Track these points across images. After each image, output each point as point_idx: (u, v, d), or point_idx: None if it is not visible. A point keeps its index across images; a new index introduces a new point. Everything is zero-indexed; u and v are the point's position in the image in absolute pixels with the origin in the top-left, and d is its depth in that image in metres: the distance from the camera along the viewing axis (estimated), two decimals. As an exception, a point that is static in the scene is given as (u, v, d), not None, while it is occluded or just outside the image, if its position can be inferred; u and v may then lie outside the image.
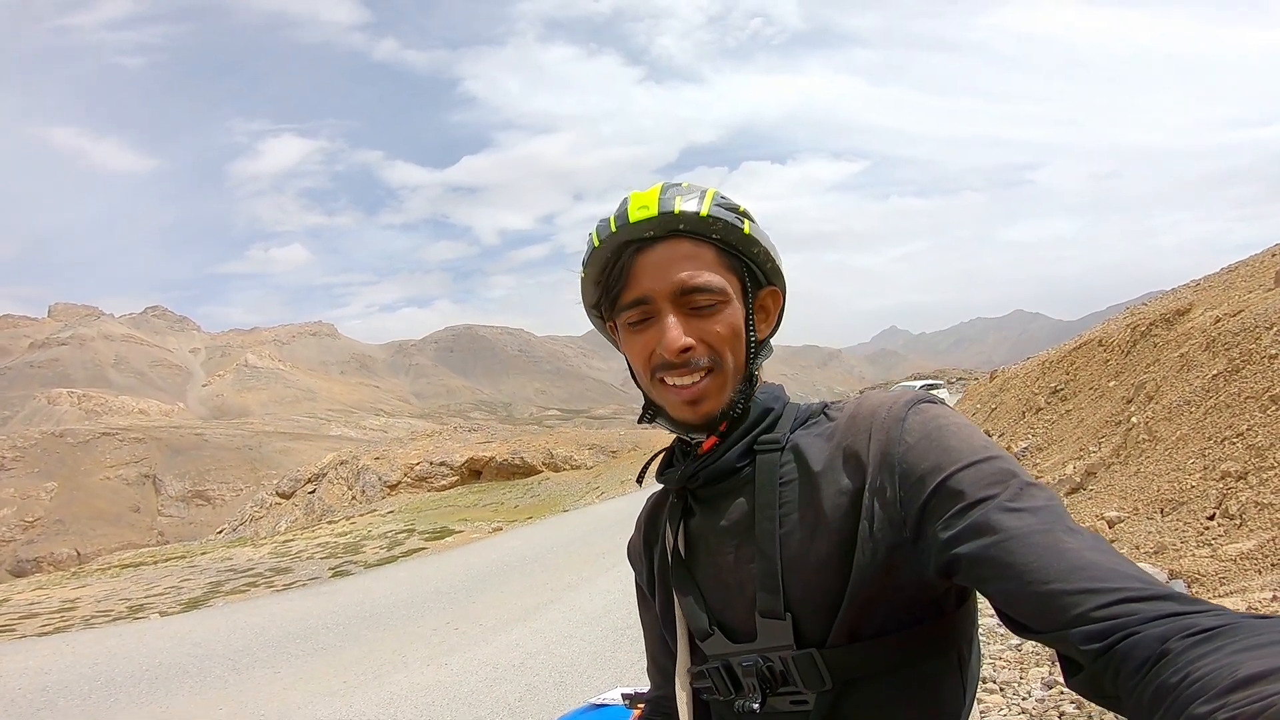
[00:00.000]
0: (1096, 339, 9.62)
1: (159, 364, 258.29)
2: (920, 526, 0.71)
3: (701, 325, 0.81)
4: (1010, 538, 0.63)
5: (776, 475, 0.81)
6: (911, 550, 0.72)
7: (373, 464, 28.28)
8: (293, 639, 5.70)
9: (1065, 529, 0.63)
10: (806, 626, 0.77)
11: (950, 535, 0.67)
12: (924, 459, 0.72)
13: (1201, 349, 6.19)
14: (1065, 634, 0.58)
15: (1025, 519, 0.64)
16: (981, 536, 0.65)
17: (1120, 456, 5.92)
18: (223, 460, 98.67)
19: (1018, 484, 0.67)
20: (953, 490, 0.68)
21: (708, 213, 0.81)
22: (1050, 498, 0.67)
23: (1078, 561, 0.60)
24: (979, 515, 0.66)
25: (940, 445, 0.72)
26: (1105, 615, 0.56)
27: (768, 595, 0.78)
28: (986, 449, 0.71)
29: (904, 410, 0.77)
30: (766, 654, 0.79)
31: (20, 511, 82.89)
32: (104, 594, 8.25)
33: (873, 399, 0.81)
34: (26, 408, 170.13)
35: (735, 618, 0.83)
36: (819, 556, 0.77)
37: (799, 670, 0.77)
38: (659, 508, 0.99)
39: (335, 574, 8.25)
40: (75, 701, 4.53)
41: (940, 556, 0.68)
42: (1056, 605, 0.59)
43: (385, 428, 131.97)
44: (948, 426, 0.74)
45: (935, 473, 0.70)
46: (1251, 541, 3.62)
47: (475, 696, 4.37)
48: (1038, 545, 0.62)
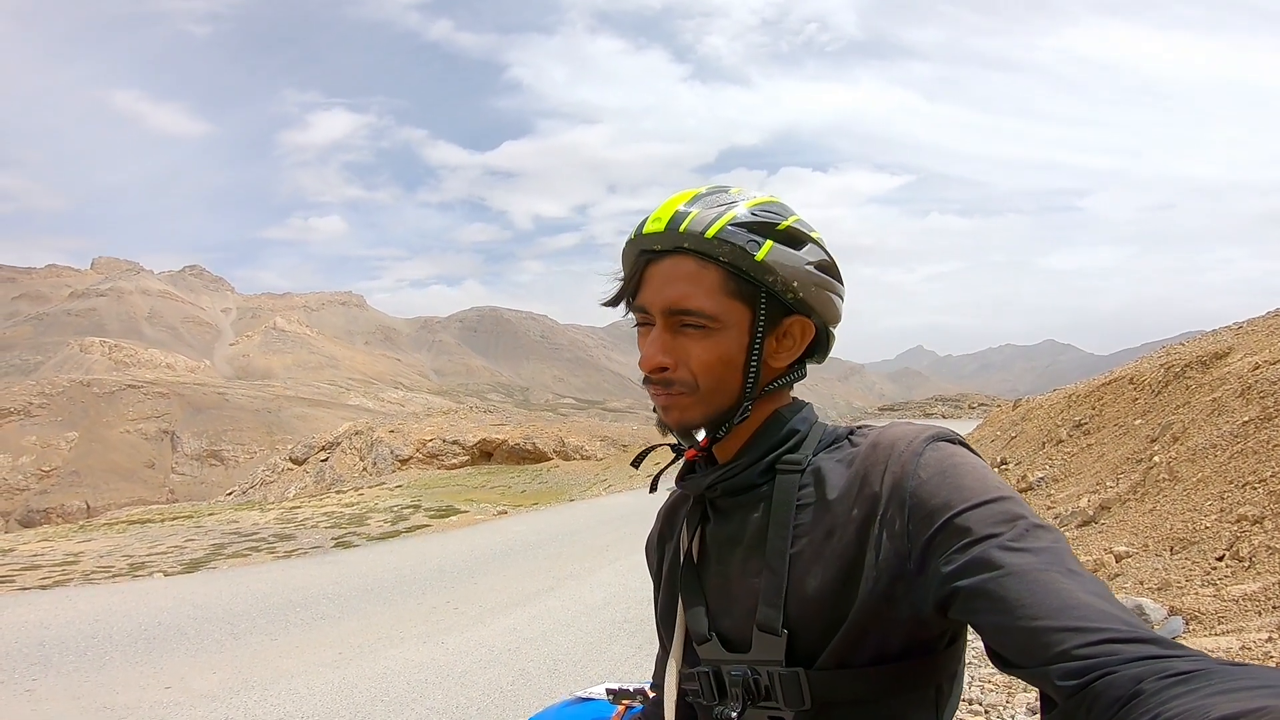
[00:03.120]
0: (1128, 376, 9.42)
1: (190, 320, 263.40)
2: (925, 560, 0.71)
3: (687, 346, 0.82)
4: (1008, 574, 0.64)
5: (794, 496, 0.82)
6: (914, 583, 0.72)
7: (387, 437, 28.60)
8: (292, 607, 5.78)
9: (1064, 570, 0.63)
10: (800, 646, 0.78)
11: (951, 569, 0.68)
12: (935, 495, 0.72)
13: (1235, 395, 6.04)
14: (1046, 670, 0.59)
15: (1025, 558, 0.64)
16: (981, 572, 0.65)
17: (1137, 494, 5.81)
18: (240, 421, 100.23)
19: (1024, 525, 0.67)
20: (959, 527, 0.69)
21: (715, 234, 0.80)
22: (1056, 540, 0.67)
23: (1069, 601, 0.61)
24: (980, 551, 0.66)
25: (953, 483, 0.73)
26: (1086, 654, 0.57)
27: (769, 610, 0.79)
28: (998, 490, 0.72)
29: (922, 446, 0.77)
30: (756, 667, 0.80)
31: (39, 460, 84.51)
32: (107, 549, 8.40)
33: (896, 430, 0.81)
34: (59, 354, 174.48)
35: (733, 627, 0.85)
36: (824, 580, 0.78)
37: (783, 687, 0.78)
38: (679, 506, 1.00)
39: (338, 544, 8.34)
40: (71, 658, 4.62)
41: (940, 590, 0.69)
42: (1040, 642, 0.59)
43: (403, 401, 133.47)
44: (962, 465, 0.74)
45: (944, 509, 0.71)
46: (1257, 584, 3.59)
47: (468, 677, 4.41)
48: (1032, 582, 0.63)
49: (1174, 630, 3.53)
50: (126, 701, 4.03)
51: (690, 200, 0.83)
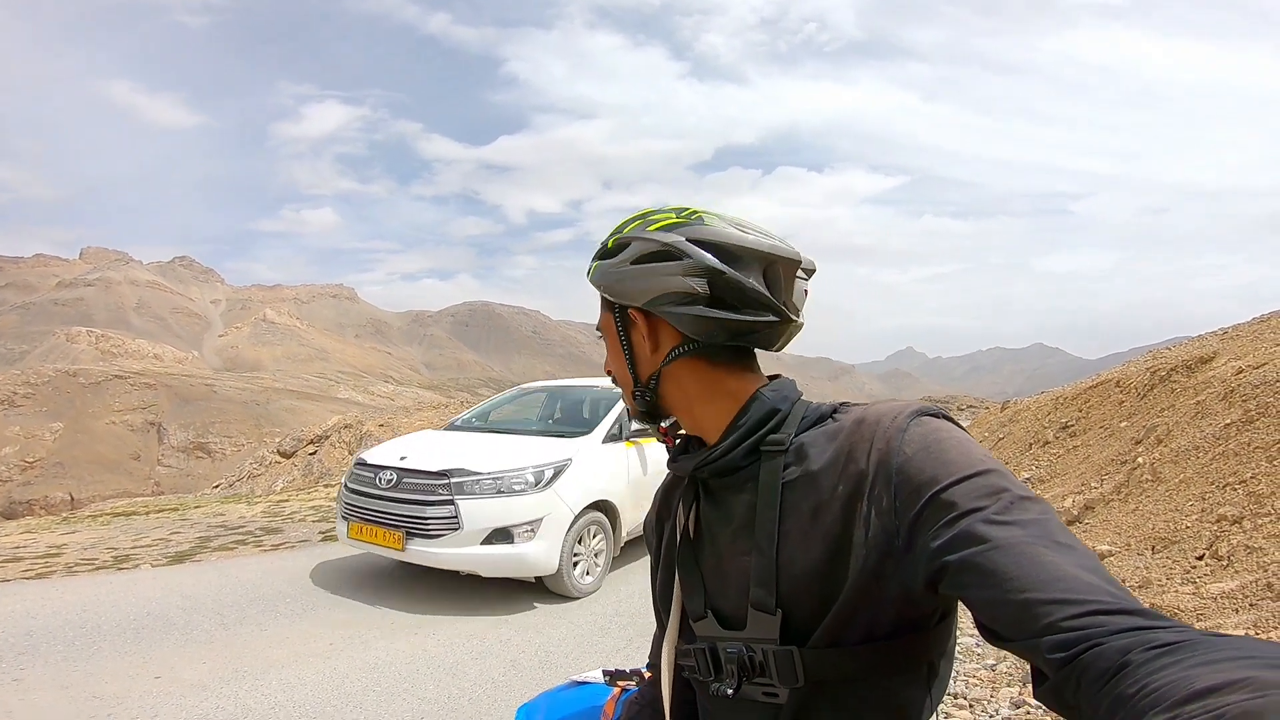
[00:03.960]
0: (1114, 380, 9.53)
1: (179, 311, 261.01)
2: (913, 536, 0.72)
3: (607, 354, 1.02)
4: (995, 547, 0.65)
5: (779, 477, 0.83)
6: (903, 559, 0.73)
7: (376, 430, 28.44)
8: (282, 598, 5.76)
9: (1052, 542, 0.64)
10: (794, 624, 0.80)
11: (939, 544, 0.69)
12: (921, 470, 0.73)
13: (1219, 398, 6.14)
14: (1035, 642, 0.60)
15: (1012, 531, 0.65)
16: (968, 546, 0.66)
17: (1121, 494, 5.90)
18: (228, 413, 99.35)
19: (1010, 497, 0.68)
20: (946, 502, 0.70)
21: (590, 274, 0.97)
22: (1043, 511, 0.68)
23: (1056, 573, 0.61)
24: (967, 525, 0.67)
25: (938, 458, 0.74)
26: (1074, 626, 0.58)
27: (761, 590, 0.81)
28: (984, 463, 0.73)
29: (906, 421, 0.78)
30: (751, 644, 0.82)
31: (22, 451, 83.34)
32: (91, 541, 8.31)
33: (880, 406, 0.83)
34: (45, 343, 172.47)
35: (728, 605, 0.87)
36: (814, 559, 0.79)
37: (777, 664, 0.80)
38: (674, 487, 1.04)
39: (326, 538, 8.31)
40: (59, 647, 4.58)
41: (929, 565, 0.70)
42: (1029, 614, 0.60)
43: (393, 395, 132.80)
44: (947, 439, 0.76)
45: (930, 484, 0.72)
46: (1235, 582, 3.68)
47: (460, 668, 4.42)
48: (1020, 555, 0.63)
49: (1153, 627, 3.61)
50: (115, 691, 4.02)
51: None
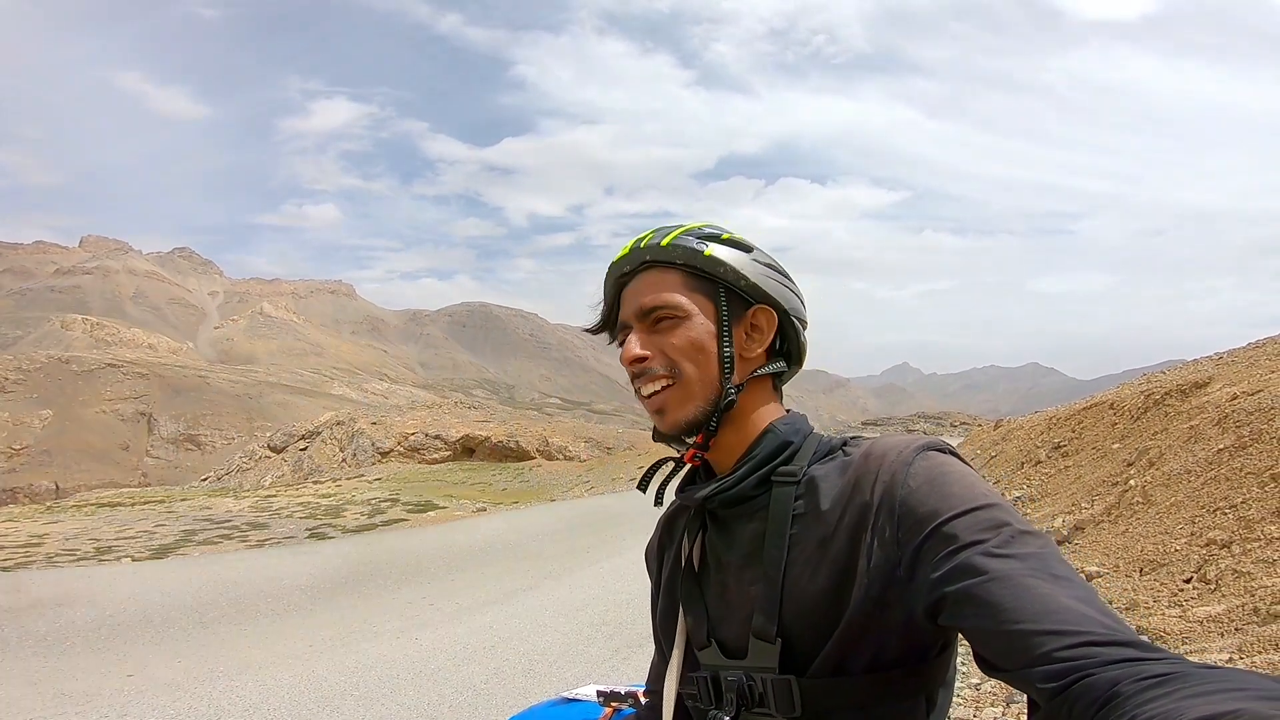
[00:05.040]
0: (1108, 402, 9.54)
1: (176, 302, 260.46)
2: (914, 567, 0.73)
3: (660, 339, 0.90)
4: (993, 579, 0.66)
5: (790, 508, 0.85)
6: (904, 589, 0.74)
7: (368, 428, 28.38)
8: (263, 597, 5.70)
9: (1048, 575, 0.65)
10: (794, 653, 0.81)
11: (939, 576, 0.70)
12: (924, 503, 0.75)
13: (1213, 423, 6.14)
14: (1028, 673, 0.61)
15: (1011, 563, 0.66)
16: (967, 577, 0.68)
17: (1111, 516, 5.90)
18: (220, 406, 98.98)
19: (1010, 531, 0.70)
20: (947, 534, 0.71)
21: (669, 242, 0.91)
22: (1043, 545, 0.69)
23: (1050, 605, 0.62)
24: (967, 557, 0.69)
25: (941, 491, 0.75)
26: (1066, 656, 0.59)
27: (764, 618, 0.82)
28: (986, 497, 0.74)
29: (912, 455, 0.80)
30: (751, 673, 0.83)
31: (9, 438, 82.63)
32: (74, 532, 8.23)
33: (887, 440, 0.84)
34: (40, 330, 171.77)
35: (731, 634, 0.88)
36: (818, 588, 0.80)
37: (775, 694, 0.80)
38: (678, 516, 1.04)
39: (312, 535, 8.24)
40: (30, 643, 4.52)
41: (929, 596, 0.71)
42: (1023, 645, 0.62)
43: (387, 393, 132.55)
44: (951, 474, 0.77)
45: (933, 517, 0.73)
46: (1221, 606, 3.68)
47: (442, 674, 4.37)
48: (1016, 587, 0.64)
49: (1138, 652, 3.59)
50: (85, 689, 3.95)
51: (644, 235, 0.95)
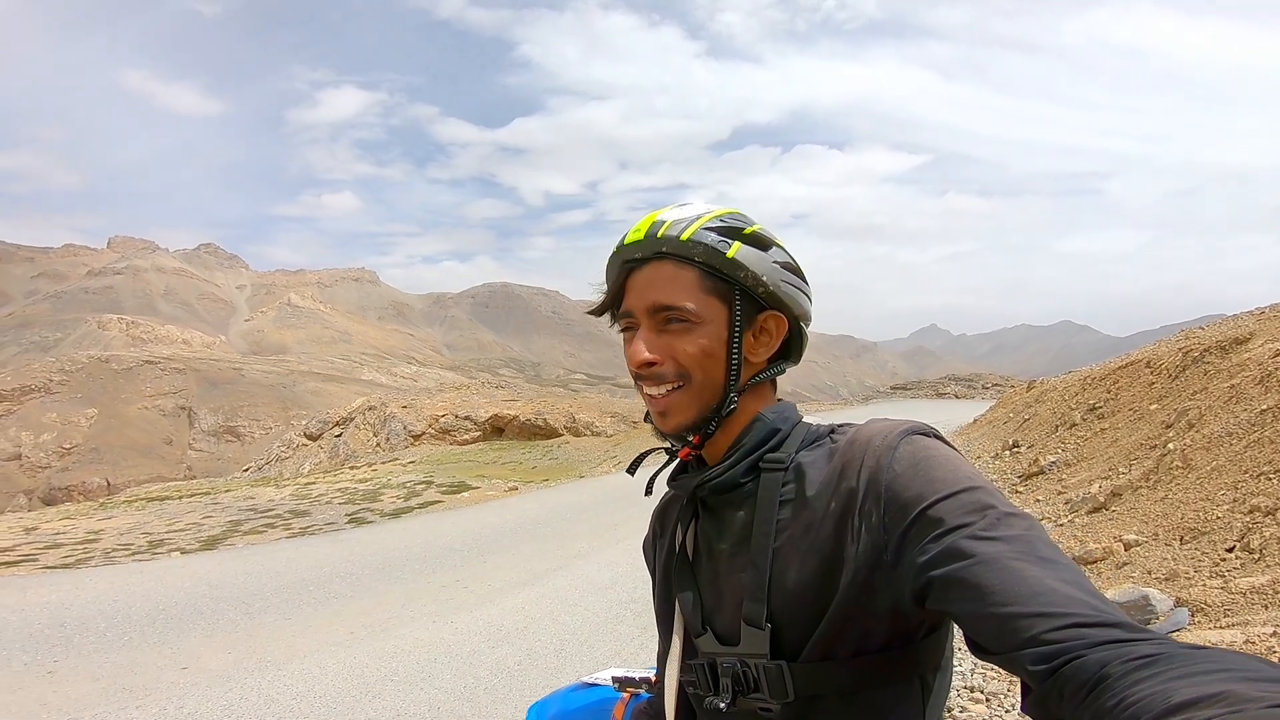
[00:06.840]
0: (1144, 360, 9.29)
1: (205, 297, 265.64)
2: (900, 552, 0.74)
3: (672, 342, 0.88)
4: (979, 562, 0.66)
5: (777, 494, 0.86)
6: (891, 574, 0.75)
7: (400, 412, 28.83)
8: (306, 586, 5.88)
9: (1035, 557, 0.66)
10: (785, 639, 0.82)
11: (925, 560, 0.71)
12: (909, 488, 0.75)
13: (1255, 382, 5.93)
14: (1017, 655, 0.61)
15: (997, 546, 0.67)
16: (953, 561, 0.68)
17: (1149, 481, 5.75)
18: (256, 397, 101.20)
19: (995, 514, 0.70)
20: (932, 518, 0.72)
21: (689, 237, 0.88)
22: (1029, 528, 0.69)
23: (1037, 587, 0.63)
24: (952, 541, 0.69)
25: (925, 475, 0.76)
26: (1054, 639, 0.59)
27: (753, 604, 0.83)
28: (970, 480, 0.74)
29: (896, 440, 0.80)
30: (745, 659, 0.84)
31: (60, 438, 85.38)
32: (128, 527, 8.57)
33: (873, 426, 0.85)
34: (78, 331, 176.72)
35: (724, 621, 0.89)
36: (806, 574, 0.81)
37: (768, 679, 0.82)
38: (670, 507, 1.06)
39: (351, 521, 8.47)
40: (90, 638, 4.72)
41: (916, 580, 0.72)
42: (1011, 628, 0.62)
43: (416, 376, 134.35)
44: (935, 458, 0.78)
45: (918, 501, 0.74)
46: (1265, 577, 3.55)
47: (476, 657, 4.47)
48: (1003, 570, 0.65)
49: (1179, 622, 3.49)
50: (144, 683, 4.13)
51: (664, 214, 0.91)
